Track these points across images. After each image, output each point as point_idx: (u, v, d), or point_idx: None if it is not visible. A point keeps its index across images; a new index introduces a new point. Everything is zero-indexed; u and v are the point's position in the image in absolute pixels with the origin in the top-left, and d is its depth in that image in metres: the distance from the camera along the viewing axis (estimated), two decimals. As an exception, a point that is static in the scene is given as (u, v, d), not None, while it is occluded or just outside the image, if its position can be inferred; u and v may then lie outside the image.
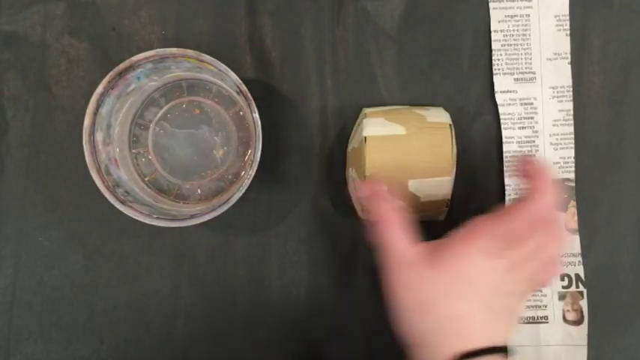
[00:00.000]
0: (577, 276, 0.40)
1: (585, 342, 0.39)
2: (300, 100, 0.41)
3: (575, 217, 0.39)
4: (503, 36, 0.40)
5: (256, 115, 0.34)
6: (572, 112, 0.40)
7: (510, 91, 0.40)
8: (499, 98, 0.40)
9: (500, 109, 0.40)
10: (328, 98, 0.41)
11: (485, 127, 0.41)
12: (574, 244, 0.39)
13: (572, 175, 0.39)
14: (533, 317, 0.40)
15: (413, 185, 0.35)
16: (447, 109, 0.38)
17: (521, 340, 0.39)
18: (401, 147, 0.35)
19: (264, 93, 0.40)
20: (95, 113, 0.34)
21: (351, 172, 0.38)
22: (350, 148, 0.39)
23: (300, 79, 0.41)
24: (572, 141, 0.40)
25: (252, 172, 0.34)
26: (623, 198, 0.41)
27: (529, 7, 0.40)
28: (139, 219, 0.34)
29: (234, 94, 0.39)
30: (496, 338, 0.30)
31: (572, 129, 0.40)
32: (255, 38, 0.41)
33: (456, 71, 0.41)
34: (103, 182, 0.34)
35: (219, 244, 0.41)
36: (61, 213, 0.40)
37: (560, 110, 0.40)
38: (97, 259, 0.40)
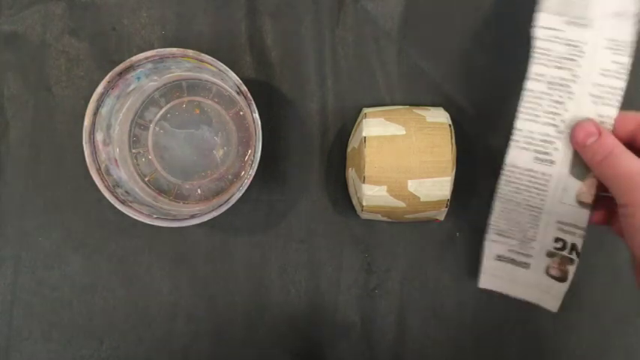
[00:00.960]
0: (573, 245, 0.35)
1: (560, 298, 0.35)
2: (300, 100, 0.41)
3: (593, 191, 0.32)
4: None
5: (256, 115, 0.34)
6: (628, 68, 0.32)
7: (556, 29, 0.32)
8: (539, 32, 0.32)
9: (537, 43, 0.32)
10: (328, 98, 0.41)
11: (486, 127, 0.41)
12: (582, 217, 0.33)
13: None
14: (513, 259, 0.36)
15: (413, 185, 0.35)
16: (447, 109, 0.38)
17: (500, 272, 0.36)
18: (401, 147, 0.35)
19: (264, 93, 0.40)
20: (95, 113, 0.34)
21: (351, 172, 0.38)
22: (350, 148, 0.39)
23: (300, 79, 0.41)
24: (620, 98, 0.32)
25: (252, 172, 0.34)
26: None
27: None
28: (139, 219, 0.34)
29: (234, 94, 0.39)
30: None
31: (623, 84, 0.32)
32: (255, 38, 0.41)
33: (456, 71, 0.41)
34: (103, 182, 0.34)
35: (219, 244, 0.41)
36: (61, 213, 0.40)
37: (614, 62, 0.32)
38: (97, 259, 0.40)
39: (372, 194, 0.35)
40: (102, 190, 0.34)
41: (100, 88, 0.34)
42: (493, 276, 0.36)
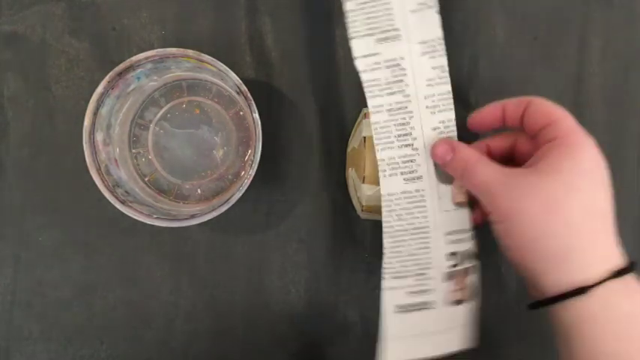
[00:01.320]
0: (466, 253, 0.34)
1: (470, 321, 0.34)
2: (300, 100, 0.41)
3: (464, 189, 0.32)
4: None
5: (256, 115, 0.34)
6: (447, 68, 0.33)
7: (373, 54, 0.33)
8: (360, 64, 0.33)
9: (364, 76, 0.33)
10: (328, 98, 0.41)
11: (486, 127, 0.41)
12: (464, 219, 0.33)
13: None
14: (414, 304, 0.34)
15: (413, 185, 0.35)
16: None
17: (405, 330, 0.34)
18: (401, 147, 0.35)
19: (264, 93, 0.40)
20: (95, 113, 0.34)
21: (351, 172, 0.38)
22: (350, 148, 0.39)
23: (300, 79, 0.41)
24: (451, 101, 0.33)
25: (252, 172, 0.34)
26: (623, 198, 0.41)
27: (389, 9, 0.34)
28: (139, 219, 0.34)
29: (234, 94, 0.39)
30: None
31: (449, 87, 0.33)
32: (255, 38, 0.41)
33: (456, 71, 0.41)
34: (103, 182, 0.34)
35: (219, 244, 0.41)
36: (61, 213, 0.40)
37: (433, 67, 0.33)
38: (97, 259, 0.40)
39: (372, 194, 0.35)
40: (102, 190, 0.34)
41: (100, 88, 0.34)
42: (399, 340, 0.34)
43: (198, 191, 0.40)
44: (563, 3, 0.41)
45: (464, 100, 0.41)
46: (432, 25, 0.34)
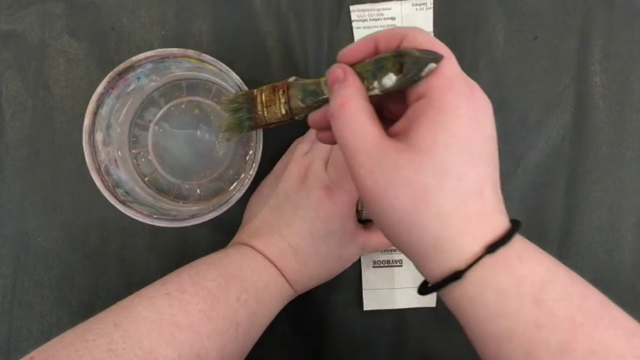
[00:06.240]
0: None
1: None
2: (300, 100, 0.41)
3: None
4: None
5: (256, 116, 0.34)
6: None
7: None
8: None
9: None
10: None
11: (486, 126, 0.41)
12: None
13: None
14: (388, 261, 0.41)
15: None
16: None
17: (375, 284, 0.40)
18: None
19: (264, 93, 0.40)
20: (95, 113, 0.34)
21: (351, 172, 0.38)
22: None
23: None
24: None
25: (253, 172, 0.34)
26: (623, 198, 0.41)
27: (393, 26, 0.40)
28: (139, 219, 0.34)
29: (234, 94, 0.39)
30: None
31: None
32: (255, 38, 0.41)
33: (456, 71, 0.41)
34: (103, 182, 0.34)
35: (219, 244, 0.41)
36: (61, 213, 0.40)
37: None
38: (97, 259, 0.40)
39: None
40: (102, 191, 0.34)
41: (100, 88, 0.34)
42: (374, 291, 0.41)
43: (198, 191, 0.40)
44: (563, 2, 0.41)
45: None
46: None
